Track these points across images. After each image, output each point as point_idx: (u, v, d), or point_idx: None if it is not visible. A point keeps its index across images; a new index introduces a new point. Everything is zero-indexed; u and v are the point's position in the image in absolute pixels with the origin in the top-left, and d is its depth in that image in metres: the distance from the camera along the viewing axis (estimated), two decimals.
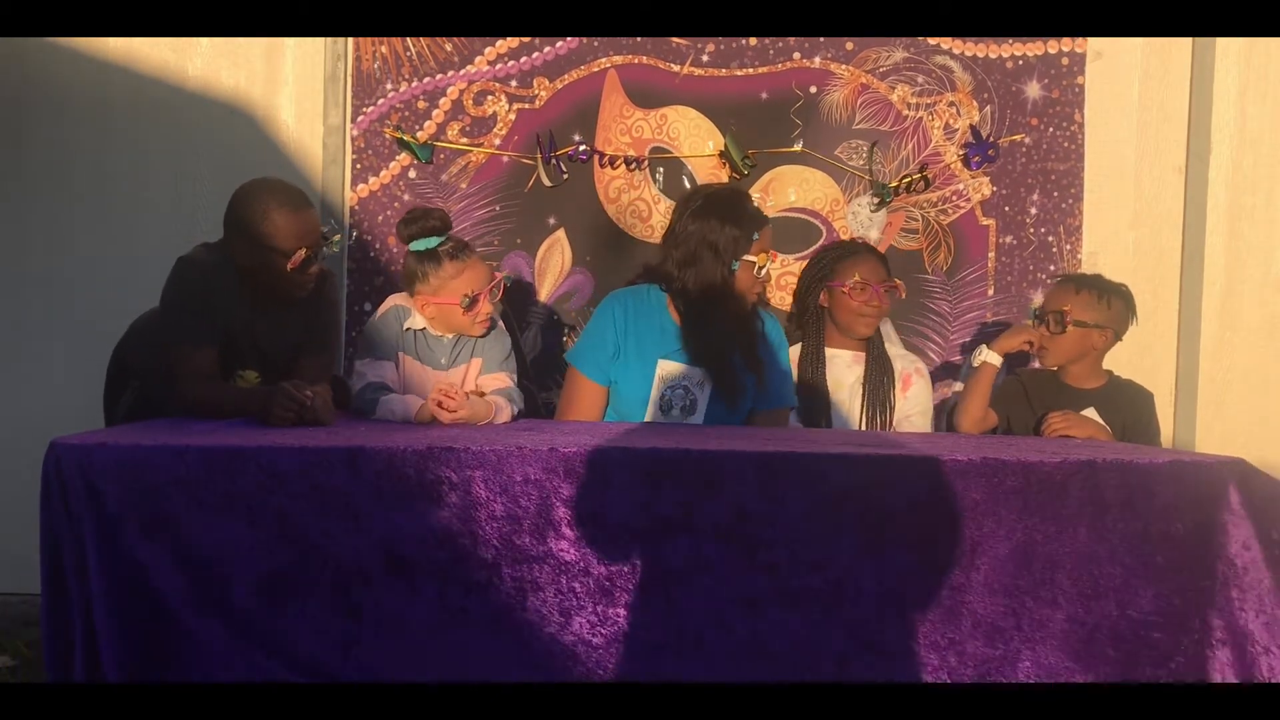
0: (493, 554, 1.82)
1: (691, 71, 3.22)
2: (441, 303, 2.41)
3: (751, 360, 2.65)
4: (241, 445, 1.85)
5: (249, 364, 2.44)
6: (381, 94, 3.19)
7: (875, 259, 2.87)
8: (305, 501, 1.81)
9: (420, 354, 2.46)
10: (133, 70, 3.22)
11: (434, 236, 2.40)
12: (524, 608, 1.83)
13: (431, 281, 2.40)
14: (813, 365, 2.84)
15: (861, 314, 2.80)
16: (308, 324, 2.52)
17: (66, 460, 1.77)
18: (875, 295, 2.79)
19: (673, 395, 2.64)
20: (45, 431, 1.89)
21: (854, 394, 2.84)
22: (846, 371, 2.86)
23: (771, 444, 1.99)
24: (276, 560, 1.81)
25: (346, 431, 2.07)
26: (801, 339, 2.89)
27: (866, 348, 2.86)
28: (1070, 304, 2.64)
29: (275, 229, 2.35)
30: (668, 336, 2.67)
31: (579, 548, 1.83)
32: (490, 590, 1.83)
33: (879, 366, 2.85)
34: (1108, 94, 3.26)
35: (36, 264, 3.24)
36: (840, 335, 2.86)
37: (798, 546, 1.85)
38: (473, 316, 2.42)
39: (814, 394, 2.82)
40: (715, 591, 1.84)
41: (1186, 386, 3.28)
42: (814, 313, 2.88)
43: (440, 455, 1.83)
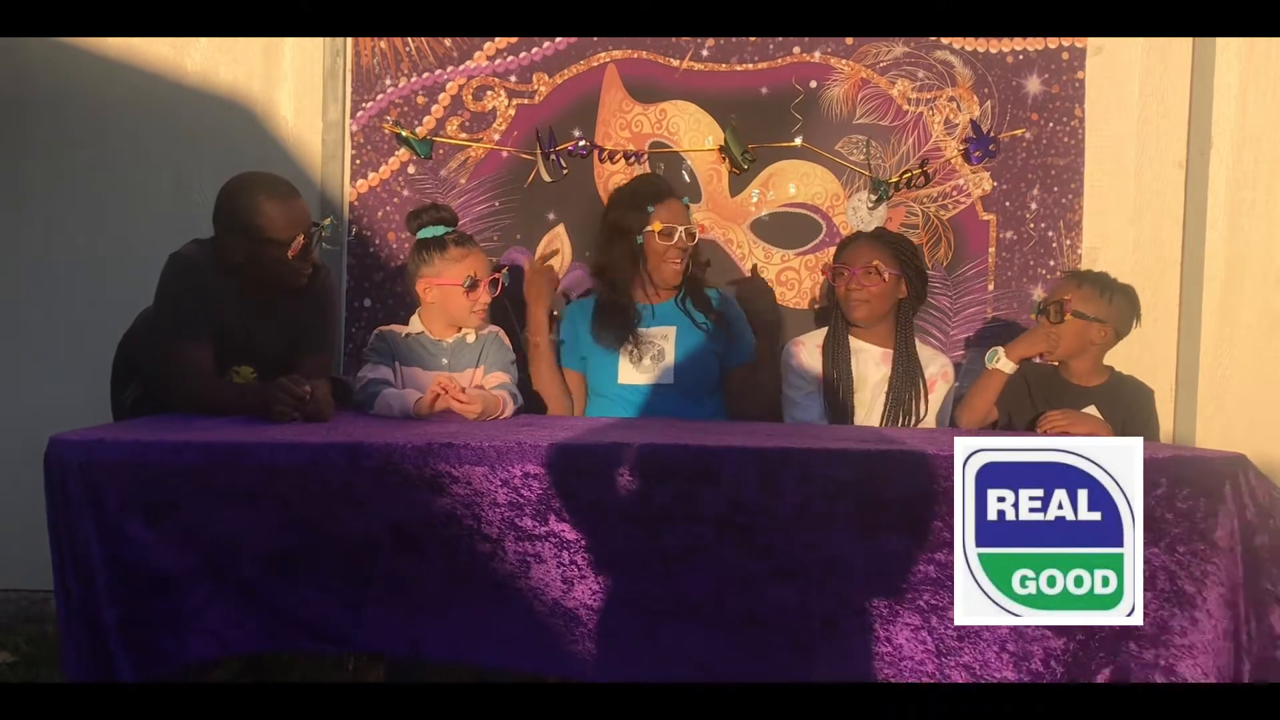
0: (495, 533, 1.83)
1: (691, 66, 3.21)
2: (444, 283, 2.48)
3: (704, 306, 2.90)
4: (241, 441, 1.86)
5: (244, 360, 2.44)
6: (381, 89, 3.19)
7: (867, 244, 2.84)
8: (306, 494, 1.82)
9: (420, 360, 2.50)
10: (131, 67, 3.21)
11: (443, 226, 2.54)
12: (528, 576, 1.85)
13: (436, 264, 2.50)
14: (832, 355, 2.83)
15: (846, 299, 2.81)
16: (304, 320, 2.53)
17: (67, 457, 1.77)
18: (853, 279, 2.78)
19: (641, 349, 2.84)
20: (45, 429, 1.89)
21: (876, 394, 2.81)
22: (873, 369, 2.83)
23: (770, 439, 1.99)
24: (281, 542, 1.82)
25: (346, 427, 2.07)
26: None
27: (895, 346, 2.84)
28: (1071, 295, 2.63)
29: (268, 220, 2.36)
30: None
31: (579, 531, 1.84)
32: (494, 560, 1.84)
33: (907, 370, 2.80)
34: (1108, 89, 3.25)
35: (36, 261, 3.24)
36: (861, 327, 2.85)
37: (794, 539, 1.85)
38: (472, 300, 2.50)
39: (835, 385, 2.81)
40: (712, 572, 1.85)
41: (1186, 382, 3.28)
42: (834, 303, 2.88)
43: (440, 451, 1.84)
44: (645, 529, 1.85)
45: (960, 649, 1.86)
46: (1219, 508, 1.90)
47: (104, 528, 1.77)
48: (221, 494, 1.81)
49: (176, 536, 1.80)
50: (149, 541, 1.79)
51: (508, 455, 1.84)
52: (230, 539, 1.82)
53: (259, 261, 2.39)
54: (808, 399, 2.83)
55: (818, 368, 2.85)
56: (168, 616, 1.80)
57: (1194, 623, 1.88)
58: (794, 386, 2.85)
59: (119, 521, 1.78)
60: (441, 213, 2.57)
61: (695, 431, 2.16)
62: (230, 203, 2.41)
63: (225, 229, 2.41)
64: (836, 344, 2.85)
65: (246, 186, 2.41)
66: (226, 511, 1.82)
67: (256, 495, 1.81)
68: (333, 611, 1.84)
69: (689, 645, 1.86)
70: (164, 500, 1.80)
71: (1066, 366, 2.70)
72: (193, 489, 1.80)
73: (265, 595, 1.83)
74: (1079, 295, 2.63)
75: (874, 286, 2.79)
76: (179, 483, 1.80)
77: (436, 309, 2.53)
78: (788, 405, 2.85)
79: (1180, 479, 1.90)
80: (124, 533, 1.78)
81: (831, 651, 1.87)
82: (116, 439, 1.83)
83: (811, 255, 3.23)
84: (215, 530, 1.82)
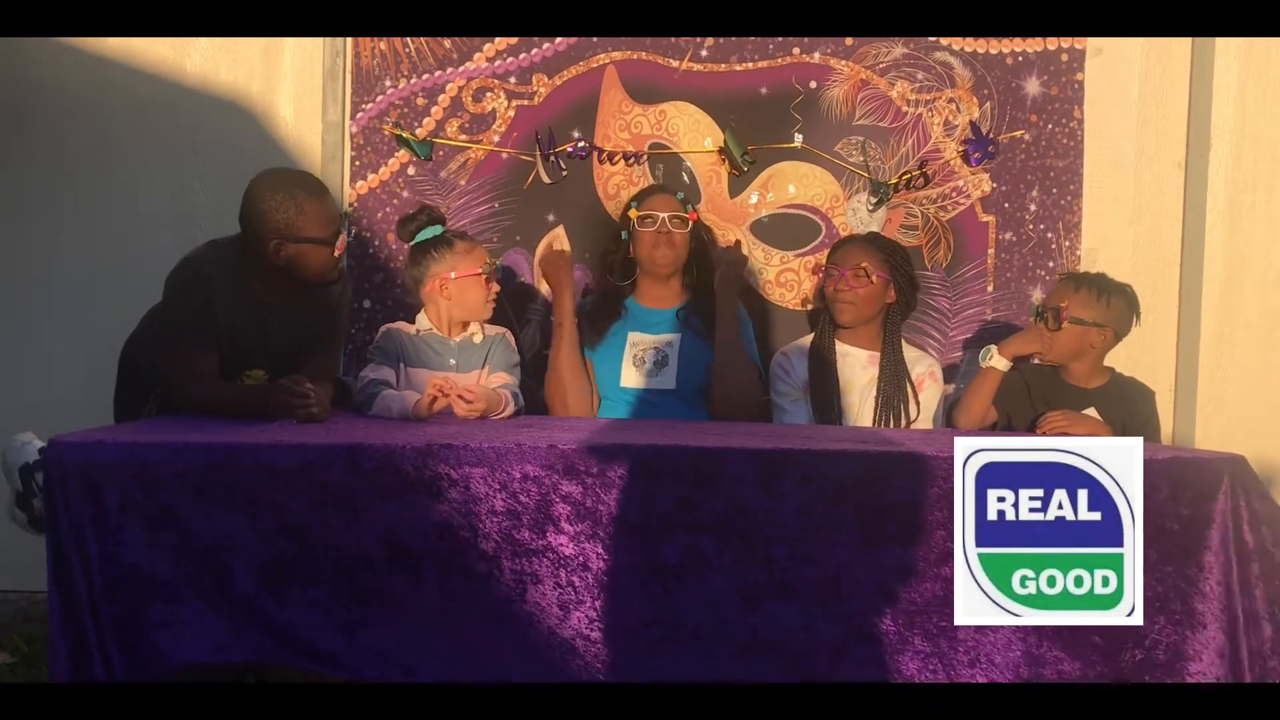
0: (492, 548, 1.83)
1: (690, 67, 3.22)
2: (464, 274, 2.52)
3: (709, 318, 2.87)
4: (240, 442, 1.86)
5: (256, 363, 2.40)
6: (380, 90, 3.19)
7: (859, 247, 2.84)
8: (304, 497, 1.81)
9: (427, 359, 2.50)
10: (131, 68, 3.21)
11: (440, 225, 2.58)
12: (523, 600, 1.83)
13: (448, 260, 2.54)
14: (819, 358, 2.83)
15: (834, 300, 2.81)
16: (316, 321, 2.48)
17: (67, 459, 1.77)
18: (842, 280, 2.78)
19: (644, 354, 2.85)
20: (45, 430, 1.89)
21: (865, 397, 2.81)
22: (860, 372, 2.83)
23: (769, 441, 2.00)
24: (277, 551, 1.81)
25: (345, 428, 2.07)
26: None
27: (882, 350, 2.83)
28: (1068, 301, 2.63)
29: (311, 220, 2.30)
30: (630, 318, 2.93)
31: (577, 543, 1.84)
32: (490, 583, 1.83)
33: (894, 373, 2.80)
34: (1107, 90, 3.25)
35: (35, 262, 3.24)
36: (848, 330, 2.84)
37: (795, 543, 1.85)
38: (490, 290, 2.57)
39: (821, 388, 2.81)
40: (713, 586, 1.84)
41: (1186, 383, 3.28)
42: (823, 304, 2.89)
43: (439, 452, 1.84)
44: (645, 537, 1.84)
45: (973, 676, 1.85)
46: (1216, 509, 1.90)
47: (103, 529, 1.77)
48: (220, 496, 1.81)
49: (174, 539, 1.80)
50: (147, 544, 1.79)
51: (507, 457, 1.84)
52: (227, 545, 1.81)
53: (304, 261, 2.32)
54: (795, 405, 2.83)
55: (804, 373, 2.85)
56: (164, 620, 1.80)
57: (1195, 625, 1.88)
58: (781, 394, 2.85)
59: (118, 523, 1.78)
60: (434, 213, 2.63)
61: (695, 432, 2.16)
62: (262, 202, 2.30)
63: (259, 227, 2.30)
64: (823, 347, 2.85)
65: (281, 185, 2.32)
66: (225, 515, 1.81)
67: (254, 499, 1.81)
68: (325, 633, 1.82)
69: (689, 674, 1.84)
70: (163, 502, 1.79)
71: (1066, 369, 2.70)
72: (192, 491, 1.80)
73: (260, 607, 1.81)
74: (1075, 300, 2.62)
75: (861, 289, 2.79)
76: (178, 484, 1.80)
77: (452, 304, 2.55)
78: (776, 411, 2.85)
79: (1180, 481, 1.90)
80: (123, 534, 1.78)
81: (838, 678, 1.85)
82: (116, 440, 1.83)
83: (811, 257, 3.23)
84: (212, 534, 1.81)
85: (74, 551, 1.76)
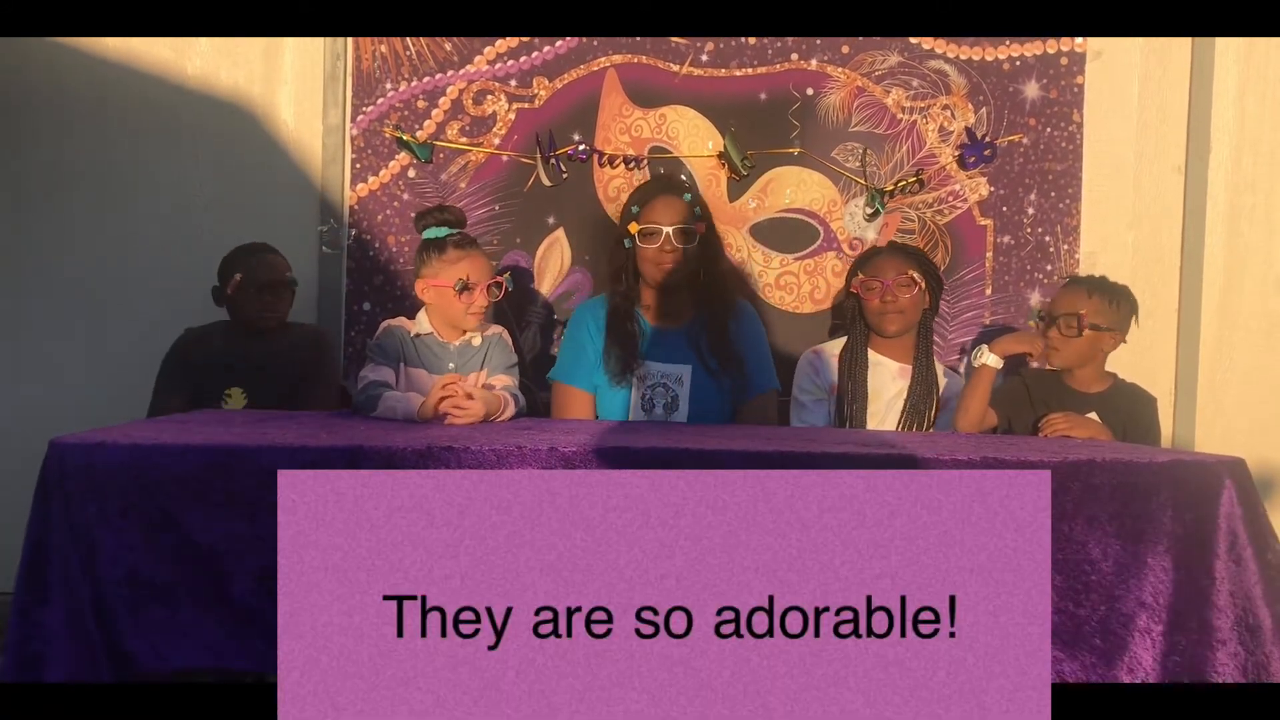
0: None
1: (691, 71, 3.22)
2: (439, 285, 2.47)
3: (720, 342, 2.71)
4: (241, 444, 1.85)
5: (232, 384, 2.81)
6: (381, 93, 3.20)
7: (896, 257, 2.84)
8: None
9: (426, 361, 2.49)
10: (132, 69, 3.22)
11: (446, 227, 2.52)
12: None
13: (434, 265, 2.49)
14: (850, 365, 2.83)
15: (881, 312, 2.80)
16: (301, 357, 2.89)
17: (67, 459, 1.77)
18: (888, 291, 2.78)
19: (653, 394, 2.70)
20: (44, 430, 1.89)
21: (891, 408, 2.80)
22: (890, 383, 2.83)
23: (770, 443, 1.99)
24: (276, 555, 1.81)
25: (346, 431, 2.07)
26: (846, 336, 2.90)
27: (914, 362, 2.83)
28: (1085, 308, 2.63)
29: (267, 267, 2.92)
30: (642, 338, 2.75)
31: None
32: None
33: (925, 382, 2.80)
34: (1107, 94, 3.26)
35: (36, 263, 3.24)
36: (883, 339, 2.84)
37: None
38: (466, 304, 2.47)
39: (850, 395, 2.80)
40: None
41: (1186, 386, 3.28)
42: (854, 313, 2.88)
43: (440, 455, 1.83)
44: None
45: None
46: (1216, 512, 1.90)
47: (105, 530, 1.77)
48: (220, 499, 1.81)
49: (174, 541, 1.80)
50: (147, 546, 1.79)
51: (507, 460, 1.84)
52: (226, 549, 1.81)
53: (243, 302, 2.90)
54: (816, 404, 2.84)
55: (833, 376, 2.85)
56: (163, 623, 1.79)
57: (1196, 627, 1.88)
58: (805, 390, 2.86)
59: (119, 524, 1.78)
60: (446, 214, 2.55)
61: (696, 435, 2.16)
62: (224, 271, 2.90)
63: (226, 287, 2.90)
64: (855, 356, 2.84)
65: (235, 258, 2.90)
66: (225, 518, 1.81)
67: (254, 502, 1.81)
68: None
69: None
70: (163, 504, 1.79)
71: (1070, 373, 2.70)
72: (192, 493, 1.80)
73: (259, 612, 1.81)
74: (1092, 306, 2.63)
75: (908, 298, 2.79)
76: (178, 487, 1.80)
77: (437, 313, 2.52)
78: (795, 407, 2.86)
79: (1179, 483, 1.90)
80: (123, 536, 1.78)
81: None
82: (116, 442, 1.83)
83: (810, 260, 3.24)
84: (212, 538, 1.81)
85: (74, 552, 1.76)
